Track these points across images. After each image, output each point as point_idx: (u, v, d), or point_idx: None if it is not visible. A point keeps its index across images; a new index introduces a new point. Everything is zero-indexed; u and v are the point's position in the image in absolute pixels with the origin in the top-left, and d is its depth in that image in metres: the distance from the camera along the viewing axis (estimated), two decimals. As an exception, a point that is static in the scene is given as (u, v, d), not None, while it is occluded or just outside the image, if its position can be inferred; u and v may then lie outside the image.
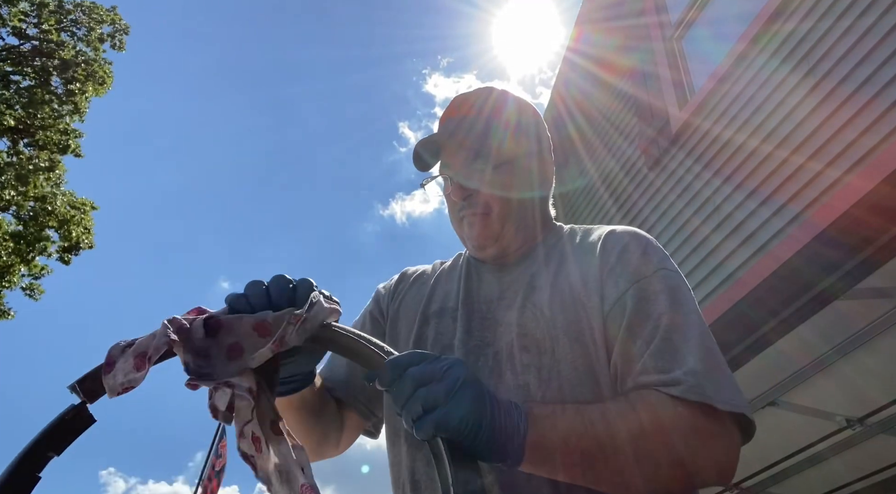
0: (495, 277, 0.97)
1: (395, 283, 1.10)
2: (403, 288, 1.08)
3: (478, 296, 0.96)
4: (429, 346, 0.93)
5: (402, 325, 1.01)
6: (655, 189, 3.85)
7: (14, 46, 11.51)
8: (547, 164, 1.04)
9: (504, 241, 0.96)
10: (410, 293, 1.06)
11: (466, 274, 1.02)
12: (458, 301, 0.96)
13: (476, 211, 0.95)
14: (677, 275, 0.86)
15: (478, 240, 0.95)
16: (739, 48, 3.25)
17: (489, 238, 0.95)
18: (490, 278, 0.98)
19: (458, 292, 0.98)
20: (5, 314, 11.07)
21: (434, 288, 1.03)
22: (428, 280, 1.07)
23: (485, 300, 0.95)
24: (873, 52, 2.42)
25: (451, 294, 0.99)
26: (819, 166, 2.55)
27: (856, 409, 3.37)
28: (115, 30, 12.72)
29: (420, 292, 1.04)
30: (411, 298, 1.04)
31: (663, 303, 0.79)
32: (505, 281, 0.96)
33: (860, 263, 2.43)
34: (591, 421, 0.69)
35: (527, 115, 1.03)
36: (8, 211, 10.84)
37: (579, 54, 5.42)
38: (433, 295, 1.02)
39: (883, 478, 3.87)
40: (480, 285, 0.98)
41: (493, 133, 0.96)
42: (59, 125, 11.39)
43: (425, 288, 1.05)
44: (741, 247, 2.93)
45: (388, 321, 1.04)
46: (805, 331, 2.81)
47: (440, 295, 1.01)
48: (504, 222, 0.95)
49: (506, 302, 0.92)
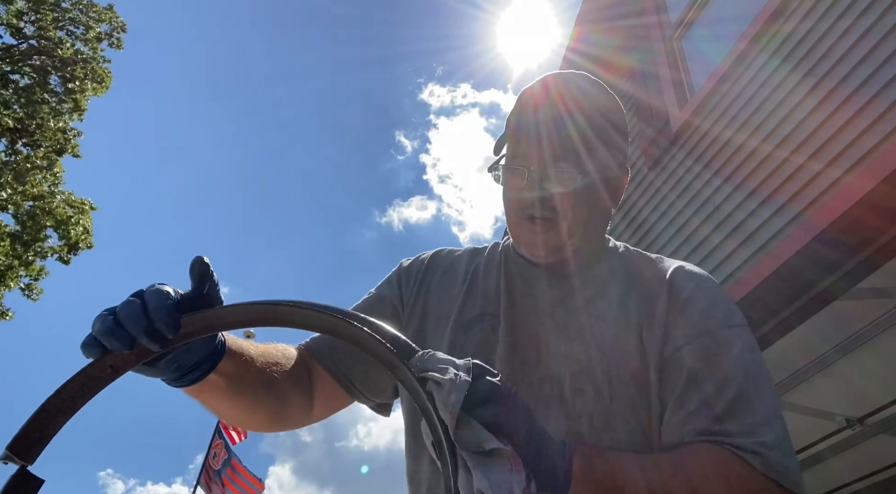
0: (544, 285, 0.90)
1: (423, 270, 1.01)
2: (431, 280, 0.99)
3: (523, 306, 0.89)
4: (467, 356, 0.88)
5: (429, 326, 0.93)
6: (655, 189, 3.84)
7: (12, 46, 11.49)
8: (626, 176, 0.95)
9: (567, 252, 0.88)
10: (442, 287, 0.97)
11: (507, 274, 0.94)
12: (500, 308, 0.89)
13: (547, 216, 0.86)
14: (747, 329, 0.81)
15: (541, 248, 0.88)
16: (739, 48, 3.25)
17: (553, 248, 0.87)
18: (538, 286, 0.91)
19: (498, 295, 0.91)
20: (4, 315, 11.06)
21: (471, 288, 0.95)
22: (461, 275, 0.98)
23: (532, 312, 0.88)
24: (873, 52, 2.42)
25: (490, 296, 0.92)
26: (819, 166, 2.55)
27: (856, 409, 3.37)
28: (113, 28, 12.71)
29: (452, 289, 0.96)
30: (443, 293, 0.96)
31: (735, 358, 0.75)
32: (555, 294, 0.89)
33: (860, 263, 2.43)
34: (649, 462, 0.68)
35: (618, 120, 0.93)
36: (6, 211, 10.82)
37: (579, 54, 5.42)
38: (469, 296, 0.93)
39: (883, 478, 3.87)
40: (527, 293, 0.90)
41: (584, 137, 0.86)
42: (58, 124, 11.37)
43: (458, 285, 0.96)
44: (741, 247, 2.93)
45: (409, 310, 0.97)
46: (805, 331, 2.81)
47: (478, 296, 0.93)
48: (573, 233, 0.87)
49: (557, 322, 0.85)
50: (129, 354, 0.60)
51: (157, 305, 0.59)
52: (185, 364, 0.69)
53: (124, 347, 0.58)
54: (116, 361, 0.59)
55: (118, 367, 0.60)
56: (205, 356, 0.72)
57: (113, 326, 0.58)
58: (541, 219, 0.86)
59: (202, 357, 0.71)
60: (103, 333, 0.58)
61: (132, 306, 0.59)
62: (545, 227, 0.86)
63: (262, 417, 0.87)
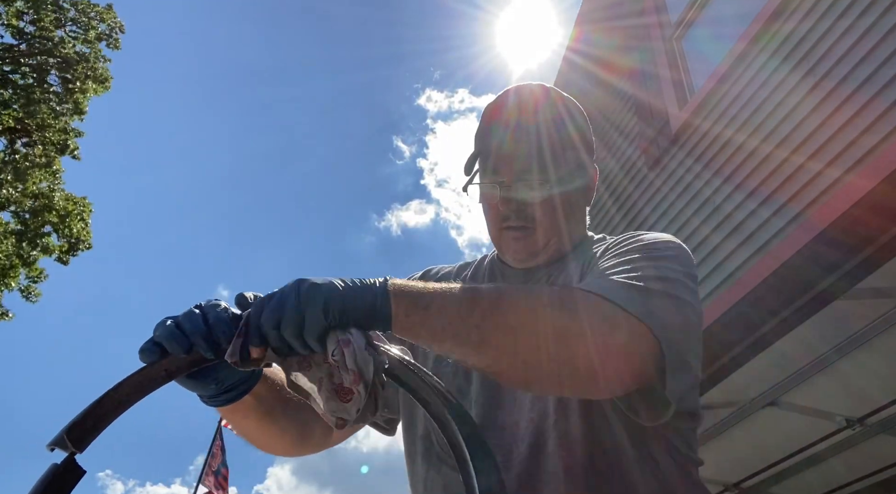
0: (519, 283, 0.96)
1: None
2: None
3: None
4: (451, 368, 0.92)
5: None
6: (655, 189, 3.84)
7: (12, 45, 11.49)
8: (595, 173, 1.01)
9: (546, 255, 0.95)
10: None
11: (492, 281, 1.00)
12: None
13: (523, 224, 0.93)
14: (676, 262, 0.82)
15: (521, 254, 0.94)
16: (739, 48, 3.25)
17: (532, 254, 0.94)
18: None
19: None
20: (4, 316, 11.06)
21: None
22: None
23: None
24: (873, 52, 2.42)
25: None
26: (819, 166, 2.55)
27: (856, 409, 3.37)
28: (111, 28, 12.71)
29: None
30: None
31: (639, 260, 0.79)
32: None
33: (860, 263, 2.43)
34: (473, 289, 0.68)
35: (580, 121, 0.99)
36: (7, 209, 10.82)
37: (579, 54, 5.42)
38: None
39: (883, 478, 3.86)
40: None
41: (549, 145, 0.92)
42: (59, 124, 11.37)
43: None
44: (741, 247, 2.93)
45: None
46: (805, 331, 2.81)
47: None
48: (550, 236, 0.94)
49: None
50: (184, 360, 0.63)
51: (216, 315, 0.63)
52: (225, 382, 0.72)
53: (182, 350, 0.61)
54: (171, 366, 0.63)
55: (172, 371, 0.63)
56: (244, 378, 0.75)
57: (175, 330, 0.62)
58: (518, 228, 0.93)
59: (241, 378, 0.75)
60: (165, 336, 0.62)
61: (193, 315, 0.63)
62: (523, 234, 0.93)
63: (289, 440, 0.91)
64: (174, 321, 0.63)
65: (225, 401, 0.75)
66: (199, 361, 0.64)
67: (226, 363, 0.63)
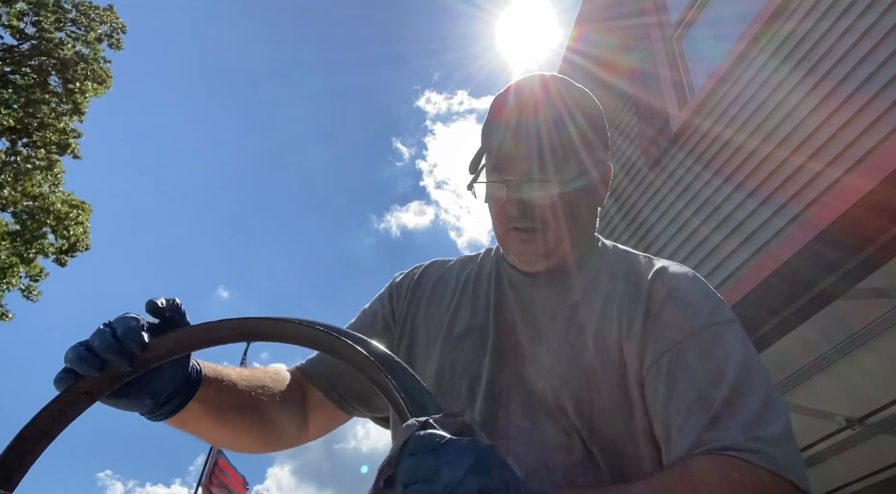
0: (532, 293, 0.90)
1: (413, 284, 1.01)
2: (422, 294, 0.99)
3: (512, 316, 0.89)
4: (456, 378, 0.87)
5: (420, 342, 0.94)
6: (655, 189, 3.84)
7: (13, 46, 11.49)
8: (609, 171, 0.93)
9: (555, 259, 0.89)
10: (432, 301, 0.98)
11: (497, 283, 0.94)
12: (489, 321, 0.89)
13: (531, 226, 0.86)
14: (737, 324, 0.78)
15: (527, 257, 0.88)
16: (739, 48, 3.25)
17: (540, 256, 0.87)
18: (526, 294, 0.91)
19: (488, 305, 0.91)
20: (4, 316, 11.06)
21: (461, 299, 0.95)
22: (452, 287, 0.98)
23: (521, 322, 0.88)
24: (873, 52, 2.42)
25: (479, 308, 0.92)
26: (819, 166, 2.55)
27: (856, 409, 3.37)
28: (113, 29, 12.71)
29: (443, 302, 0.96)
30: (434, 307, 0.97)
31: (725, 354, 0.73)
32: (543, 302, 0.88)
33: (860, 263, 2.43)
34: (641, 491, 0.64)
35: (596, 116, 0.91)
36: (6, 210, 10.82)
37: (579, 54, 5.42)
38: (459, 308, 0.94)
39: (883, 478, 3.86)
40: (516, 302, 0.91)
41: (560, 142, 0.85)
42: (59, 125, 11.38)
43: (448, 297, 0.97)
44: (741, 247, 2.93)
45: (400, 327, 0.97)
46: (805, 331, 2.81)
47: (467, 309, 0.93)
48: (560, 239, 0.87)
49: (543, 332, 0.85)
50: (103, 378, 0.61)
51: (125, 326, 0.62)
52: (160, 393, 0.70)
53: (94, 369, 0.60)
54: (90, 386, 0.61)
55: (92, 392, 0.61)
56: (179, 386, 0.73)
57: (84, 351, 0.61)
58: (525, 229, 0.86)
59: (177, 387, 0.72)
60: (75, 360, 0.60)
61: (101, 332, 0.62)
62: (530, 236, 0.86)
63: (249, 438, 0.88)
64: (83, 342, 0.62)
65: (168, 414, 0.73)
66: (120, 376, 0.62)
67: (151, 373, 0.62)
